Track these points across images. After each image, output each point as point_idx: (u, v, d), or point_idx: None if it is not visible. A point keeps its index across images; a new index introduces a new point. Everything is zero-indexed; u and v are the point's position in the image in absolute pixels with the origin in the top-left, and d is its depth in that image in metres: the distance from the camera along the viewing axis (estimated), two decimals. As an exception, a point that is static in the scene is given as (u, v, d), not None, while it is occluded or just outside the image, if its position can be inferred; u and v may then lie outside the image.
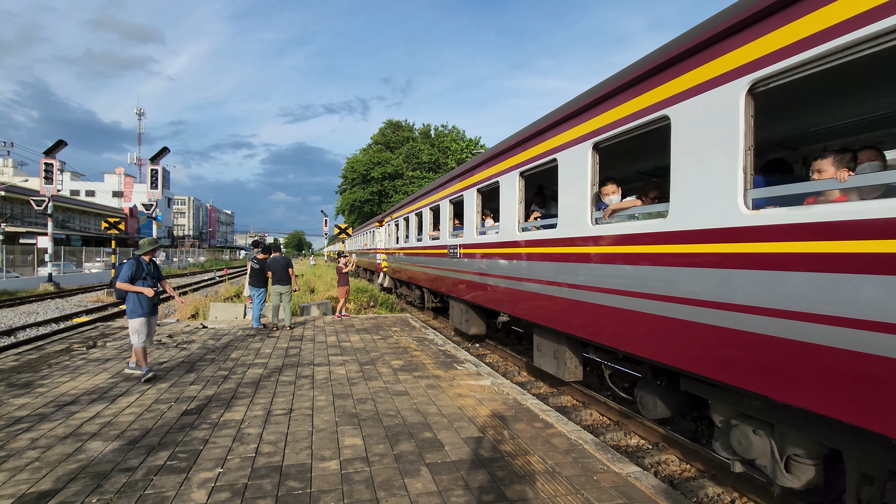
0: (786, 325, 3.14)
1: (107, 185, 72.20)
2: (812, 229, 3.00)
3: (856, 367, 2.77)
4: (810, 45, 3.03)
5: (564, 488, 3.67)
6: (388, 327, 11.31)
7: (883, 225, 2.63)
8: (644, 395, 5.20)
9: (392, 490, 3.61)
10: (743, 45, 3.50)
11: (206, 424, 4.97)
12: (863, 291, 2.73)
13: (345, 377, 6.85)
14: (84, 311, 17.71)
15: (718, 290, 3.65)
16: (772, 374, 3.25)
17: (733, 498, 4.38)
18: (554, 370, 6.57)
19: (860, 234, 2.74)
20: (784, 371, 3.17)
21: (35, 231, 35.94)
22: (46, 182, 24.23)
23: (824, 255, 2.92)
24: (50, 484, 3.68)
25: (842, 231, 2.84)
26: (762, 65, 3.34)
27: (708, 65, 3.81)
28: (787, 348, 3.14)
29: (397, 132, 53.84)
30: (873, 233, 2.68)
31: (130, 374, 6.84)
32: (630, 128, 4.70)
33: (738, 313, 3.49)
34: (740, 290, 3.47)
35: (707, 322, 3.76)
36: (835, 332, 2.86)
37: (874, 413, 2.69)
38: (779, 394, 3.22)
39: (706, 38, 3.77)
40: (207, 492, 3.57)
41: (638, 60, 4.65)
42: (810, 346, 3.00)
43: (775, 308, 3.21)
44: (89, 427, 4.88)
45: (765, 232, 3.30)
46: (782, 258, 3.17)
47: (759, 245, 3.34)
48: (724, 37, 3.64)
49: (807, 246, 3.02)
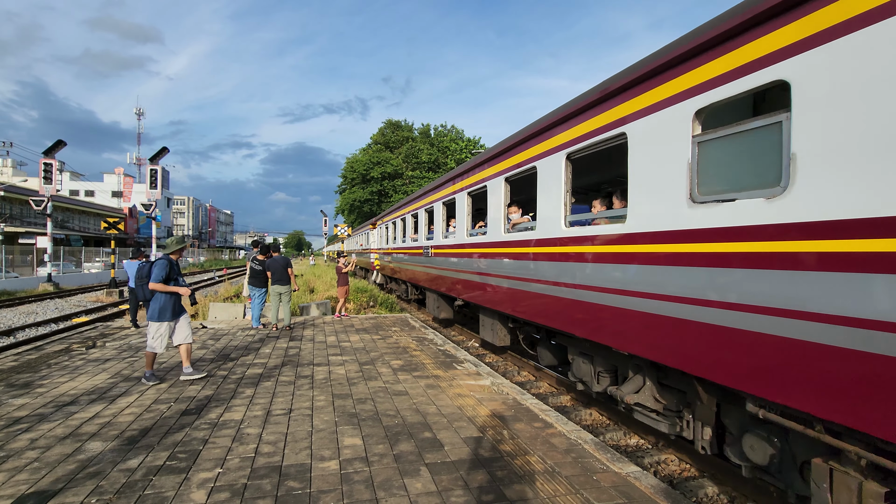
0: (584, 293, 5.35)
1: (106, 185, 72.13)
2: (581, 240, 5.47)
3: (590, 309, 5.25)
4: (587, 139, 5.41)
5: (564, 488, 3.67)
6: (387, 327, 11.31)
7: (611, 238, 4.93)
8: (540, 350, 7.44)
9: (392, 490, 3.61)
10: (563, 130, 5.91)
11: (205, 424, 4.97)
12: (597, 270, 5.13)
13: (344, 377, 6.85)
14: (83, 312, 17.70)
15: (560, 276, 5.88)
16: (584, 324, 5.42)
17: (732, 497, 4.38)
18: (491, 338, 8.84)
19: (599, 243, 5.13)
20: (588, 321, 5.32)
21: (34, 231, 35.91)
22: (46, 182, 24.21)
23: (587, 254, 5.35)
24: (49, 484, 3.68)
25: (597, 241, 5.19)
26: (575, 143, 5.62)
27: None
28: (582, 306, 5.42)
29: (397, 132, 53.81)
30: (606, 242, 5.01)
31: (189, 379, 6.61)
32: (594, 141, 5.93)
33: (569, 289, 5.68)
34: (565, 275, 5.76)
35: (556, 295, 5.98)
36: (598, 295, 5.10)
37: (595, 330, 5.25)
38: (589, 335, 5.35)
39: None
40: (207, 492, 3.57)
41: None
42: (588, 304, 5.29)
43: (576, 284, 5.52)
44: (89, 427, 4.88)
45: (572, 240, 5.64)
46: (577, 255, 5.53)
47: (571, 248, 5.66)
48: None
49: (581, 248, 5.45)
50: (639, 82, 4.57)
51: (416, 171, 49.55)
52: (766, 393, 3.26)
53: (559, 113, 5.97)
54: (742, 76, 3.49)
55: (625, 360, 5.22)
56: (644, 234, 4.44)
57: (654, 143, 4.35)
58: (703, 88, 3.83)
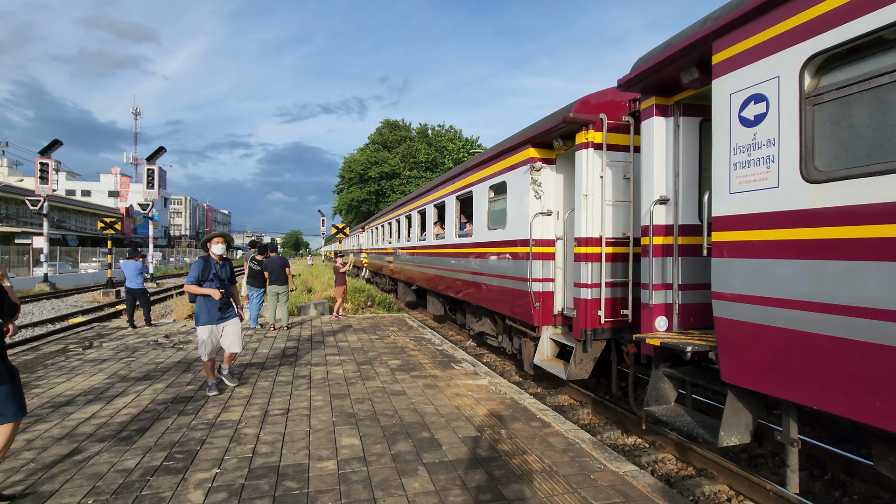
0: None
1: (103, 185, 71.82)
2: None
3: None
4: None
5: (562, 487, 3.68)
6: (385, 327, 11.30)
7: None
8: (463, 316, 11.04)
9: (389, 490, 3.61)
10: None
11: (203, 425, 4.96)
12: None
13: (342, 377, 6.85)
14: (80, 312, 17.62)
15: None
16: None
17: (730, 496, 4.40)
18: (434, 312, 13.06)
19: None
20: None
21: (30, 231, 35.76)
22: (42, 182, 24.11)
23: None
24: (45, 485, 3.66)
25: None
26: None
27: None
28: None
29: (394, 132, 53.74)
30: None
31: (220, 387, 6.20)
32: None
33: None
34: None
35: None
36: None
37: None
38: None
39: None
40: (204, 492, 3.56)
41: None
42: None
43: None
44: (85, 428, 4.86)
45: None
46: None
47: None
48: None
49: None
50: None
51: (414, 170, 49.49)
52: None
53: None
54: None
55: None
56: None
57: None
58: None
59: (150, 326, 11.40)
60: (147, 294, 11.50)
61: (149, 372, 7.10)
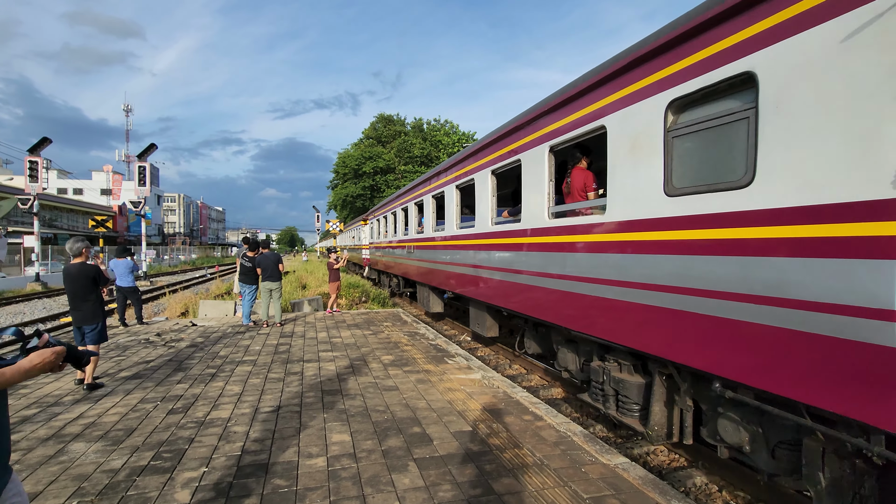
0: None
1: (95, 183, 71.19)
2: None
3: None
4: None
5: (552, 480, 3.66)
6: (379, 322, 11.26)
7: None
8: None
9: (379, 486, 3.58)
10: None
11: (192, 423, 4.91)
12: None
13: (334, 373, 6.81)
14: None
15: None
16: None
17: (721, 486, 4.40)
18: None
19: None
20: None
21: (21, 230, 35.42)
22: (31, 180, 23.83)
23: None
24: (29, 486, 3.60)
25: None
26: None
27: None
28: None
29: (389, 126, 53.43)
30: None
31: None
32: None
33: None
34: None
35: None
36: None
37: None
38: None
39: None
40: (191, 492, 3.52)
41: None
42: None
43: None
44: (72, 428, 4.80)
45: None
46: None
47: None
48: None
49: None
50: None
51: (409, 165, 49.28)
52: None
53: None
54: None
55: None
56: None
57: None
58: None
59: (143, 325, 11.30)
60: (138, 292, 11.39)
61: (139, 371, 7.03)
